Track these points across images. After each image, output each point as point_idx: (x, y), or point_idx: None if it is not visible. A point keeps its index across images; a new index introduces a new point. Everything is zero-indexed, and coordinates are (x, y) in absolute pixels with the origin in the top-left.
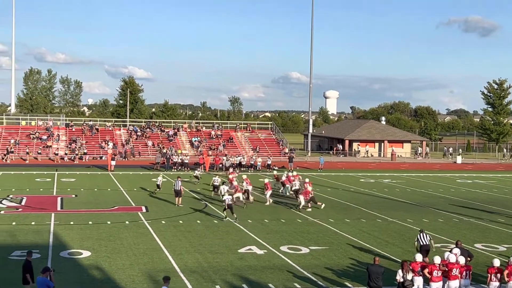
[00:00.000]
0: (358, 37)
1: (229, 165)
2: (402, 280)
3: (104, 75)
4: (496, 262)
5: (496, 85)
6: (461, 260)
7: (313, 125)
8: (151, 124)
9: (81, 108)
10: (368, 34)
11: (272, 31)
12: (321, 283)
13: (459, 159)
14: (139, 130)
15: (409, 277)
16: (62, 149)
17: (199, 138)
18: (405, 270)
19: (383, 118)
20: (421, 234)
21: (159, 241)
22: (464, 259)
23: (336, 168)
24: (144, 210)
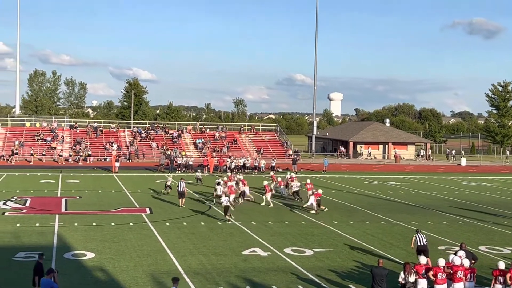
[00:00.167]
0: (362, 39)
1: (233, 167)
2: (404, 282)
3: (108, 76)
4: (500, 264)
5: (500, 87)
6: (466, 262)
7: (317, 127)
8: (155, 126)
9: (86, 109)
10: (372, 36)
11: (276, 33)
12: (325, 285)
13: (463, 162)
14: (143, 131)
15: (411, 279)
16: (66, 151)
17: (203, 140)
18: (407, 272)
19: (387, 120)
20: (418, 234)
21: (163, 243)
22: (468, 261)
23: (340, 170)
24: (148, 211)
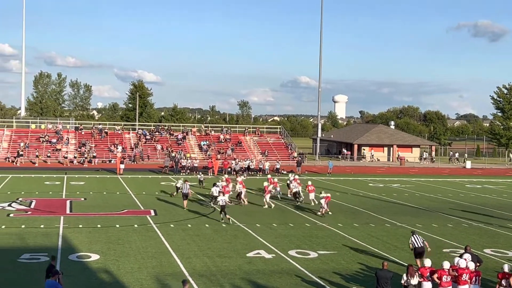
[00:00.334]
0: (367, 41)
1: (238, 169)
2: (406, 284)
3: (113, 79)
4: (505, 267)
5: (505, 90)
6: (471, 265)
7: (322, 129)
8: (160, 127)
9: (91, 111)
10: (377, 38)
11: (281, 35)
12: (329, 287)
13: (468, 164)
14: (148, 133)
15: (414, 281)
16: (71, 153)
17: (207, 142)
18: (409, 274)
19: (392, 122)
20: (414, 236)
21: (168, 245)
22: (473, 264)
23: (344, 172)
24: (152, 213)
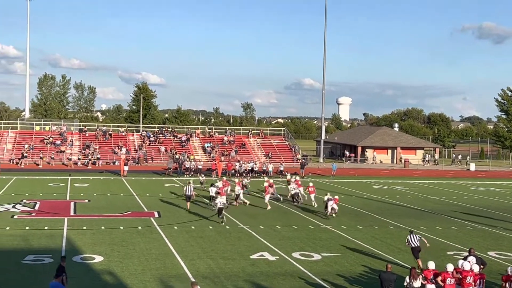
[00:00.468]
0: (371, 43)
1: (242, 171)
2: (408, 287)
3: (117, 80)
4: (510, 270)
5: (510, 92)
6: (475, 268)
7: (326, 131)
8: (164, 129)
9: (95, 113)
10: (381, 40)
11: (285, 37)
12: None
13: (472, 167)
14: (152, 135)
15: (416, 284)
16: (75, 154)
17: (211, 144)
18: (412, 277)
19: (396, 124)
20: (411, 235)
21: (171, 247)
22: (478, 267)
23: (348, 174)
24: (156, 215)
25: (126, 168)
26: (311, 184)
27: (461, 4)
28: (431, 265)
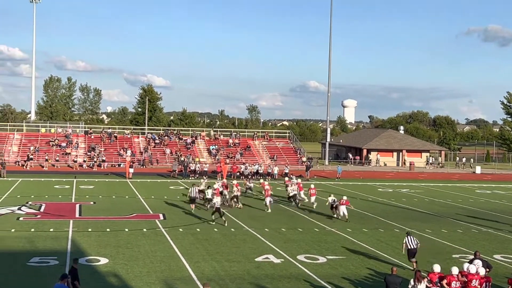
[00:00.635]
0: (376, 46)
1: (247, 173)
2: None
3: (123, 83)
4: None
5: None
6: (481, 271)
7: (331, 134)
8: (169, 132)
9: (100, 115)
10: (386, 42)
11: (290, 40)
12: None
13: (478, 169)
14: (157, 138)
15: (421, 287)
16: (81, 156)
17: (216, 146)
18: (417, 280)
19: (402, 127)
20: (409, 237)
21: (176, 249)
22: (484, 270)
23: (353, 177)
24: (161, 217)
25: (131, 170)
26: (312, 186)
27: (467, 7)
28: (437, 268)
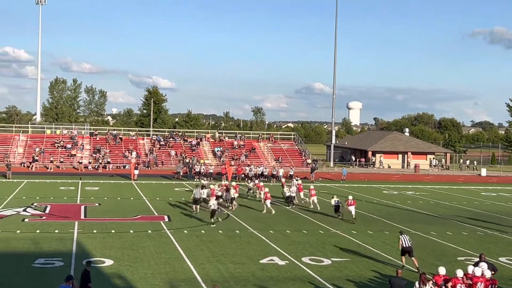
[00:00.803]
0: (381, 47)
1: (252, 175)
2: None
3: (128, 84)
4: None
5: None
6: (487, 273)
7: (336, 136)
8: (174, 133)
9: (105, 117)
10: (391, 44)
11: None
12: None
13: (483, 172)
14: (162, 139)
15: None
16: (86, 158)
17: (221, 148)
18: (422, 282)
19: (407, 129)
20: (402, 236)
21: (181, 251)
22: (489, 272)
23: (359, 179)
24: (166, 219)
25: (136, 172)
26: (312, 186)
27: (472, 8)
28: (442, 270)
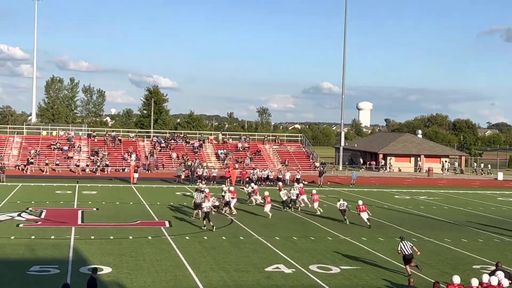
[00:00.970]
0: (393, 46)
1: (256, 178)
2: None
3: (127, 84)
4: None
5: None
6: (505, 283)
7: (345, 138)
8: (176, 135)
9: (104, 118)
10: (403, 43)
11: (303, 40)
12: None
13: (500, 176)
14: (163, 141)
15: None
16: (83, 161)
17: (225, 150)
18: None
19: (420, 131)
20: (402, 242)
21: (183, 258)
22: (507, 281)
23: (369, 183)
24: (167, 225)
25: (136, 175)
26: (314, 191)
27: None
28: (456, 279)
